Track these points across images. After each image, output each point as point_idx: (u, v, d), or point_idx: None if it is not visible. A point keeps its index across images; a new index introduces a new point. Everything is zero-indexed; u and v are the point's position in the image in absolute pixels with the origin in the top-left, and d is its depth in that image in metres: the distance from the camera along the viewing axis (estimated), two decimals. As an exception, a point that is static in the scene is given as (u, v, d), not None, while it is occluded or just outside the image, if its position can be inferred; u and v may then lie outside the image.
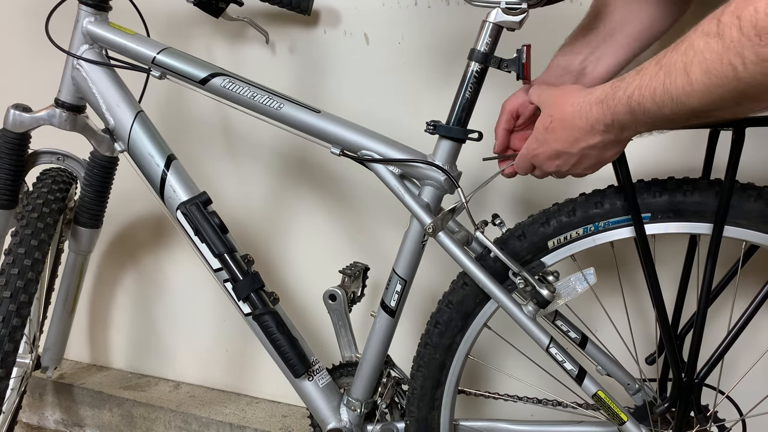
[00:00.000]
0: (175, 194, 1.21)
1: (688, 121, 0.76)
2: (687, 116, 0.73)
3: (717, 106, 0.69)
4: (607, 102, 0.82)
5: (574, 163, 0.92)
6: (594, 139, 0.87)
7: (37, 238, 1.25)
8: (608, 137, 0.86)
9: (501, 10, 0.98)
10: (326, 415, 1.25)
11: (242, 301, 1.20)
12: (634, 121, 0.80)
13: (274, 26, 1.54)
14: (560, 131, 0.90)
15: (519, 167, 1.01)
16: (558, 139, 0.91)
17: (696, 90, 0.69)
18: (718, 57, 0.65)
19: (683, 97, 0.71)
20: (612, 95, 0.81)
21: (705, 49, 0.66)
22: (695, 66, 0.68)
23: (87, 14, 1.22)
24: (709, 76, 0.66)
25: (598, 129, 0.85)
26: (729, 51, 0.64)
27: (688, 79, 0.69)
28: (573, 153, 0.90)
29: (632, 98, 0.77)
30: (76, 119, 1.28)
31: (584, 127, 0.86)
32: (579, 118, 0.87)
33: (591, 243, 1.03)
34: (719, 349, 0.99)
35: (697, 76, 0.68)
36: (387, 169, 1.11)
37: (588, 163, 0.91)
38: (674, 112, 0.73)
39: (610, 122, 0.83)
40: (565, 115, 0.89)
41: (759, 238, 0.95)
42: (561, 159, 0.92)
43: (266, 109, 1.15)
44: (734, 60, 0.63)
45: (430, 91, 1.46)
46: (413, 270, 1.15)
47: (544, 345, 1.05)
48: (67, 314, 1.58)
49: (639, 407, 1.16)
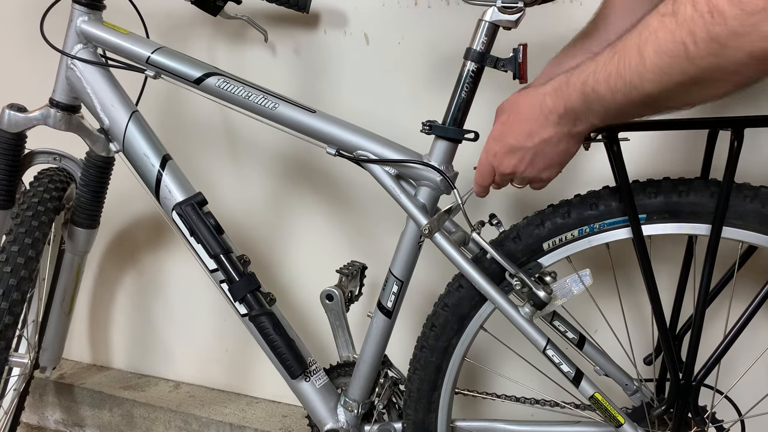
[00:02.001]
0: (170, 195, 1.20)
1: (642, 110, 0.75)
2: (640, 103, 0.72)
3: (669, 91, 0.68)
4: (561, 90, 0.82)
5: (530, 161, 0.91)
6: (547, 131, 0.86)
7: (31, 236, 1.25)
8: (561, 129, 0.85)
9: (497, 8, 0.98)
10: (323, 416, 1.25)
11: (238, 302, 1.19)
12: (587, 109, 0.79)
13: (273, 26, 1.53)
14: (515, 125, 0.90)
15: (480, 172, 1.00)
16: (513, 132, 0.90)
17: (648, 70, 0.68)
18: (671, 35, 0.64)
19: (636, 79, 0.70)
20: (566, 83, 0.81)
21: (659, 28, 0.65)
22: (649, 45, 0.67)
23: (81, 13, 1.21)
24: (661, 56, 0.65)
25: (552, 119, 0.84)
26: (681, 29, 0.63)
27: (641, 60, 0.68)
28: (528, 147, 0.89)
29: (586, 84, 0.77)
30: (71, 119, 1.28)
31: (538, 118, 0.86)
32: (533, 110, 0.86)
33: (587, 244, 1.03)
34: (717, 351, 0.98)
35: (650, 56, 0.67)
36: (383, 169, 1.10)
37: (543, 161, 0.90)
38: (627, 98, 0.72)
39: (563, 111, 0.82)
40: (521, 109, 0.89)
41: (755, 238, 0.94)
42: (517, 155, 0.92)
43: (261, 108, 1.15)
44: (686, 38, 0.62)
45: (430, 91, 1.45)
46: (410, 271, 1.15)
47: (541, 347, 1.04)
48: (65, 314, 1.58)
49: (637, 408, 1.15)
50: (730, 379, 1.14)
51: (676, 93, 0.68)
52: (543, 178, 0.94)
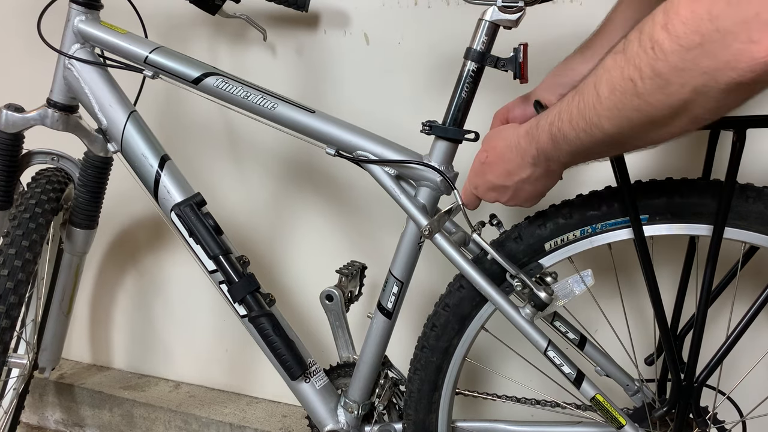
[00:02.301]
0: (169, 195, 1.20)
1: (608, 149, 0.76)
2: (604, 142, 0.72)
3: (627, 129, 0.68)
4: (531, 132, 0.83)
5: (510, 196, 0.93)
6: (525, 172, 0.88)
7: (28, 239, 1.24)
8: (537, 170, 0.87)
9: (497, 8, 0.97)
10: (323, 417, 1.24)
11: (238, 304, 1.19)
12: (557, 150, 0.80)
13: (273, 26, 1.52)
14: (495, 165, 0.92)
15: (466, 199, 1.03)
16: (493, 172, 0.93)
17: (604, 107, 0.68)
18: (620, 72, 0.64)
19: (595, 117, 0.70)
20: (536, 125, 0.82)
21: (612, 66, 0.66)
22: (603, 83, 0.67)
23: (78, 13, 1.20)
24: (614, 92, 0.66)
25: (527, 161, 0.86)
26: (629, 65, 0.63)
27: (598, 98, 0.68)
28: (508, 186, 0.92)
29: (553, 125, 0.78)
30: (69, 119, 1.27)
31: (515, 159, 0.88)
32: (510, 151, 0.88)
33: (588, 245, 1.02)
34: (719, 351, 0.97)
35: (605, 94, 0.67)
36: (382, 169, 1.10)
37: (523, 196, 0.93)
38: (591, 138, 0.72)
39: (535, 153, 0.84)
40: (498, 149, 0.91)
41: (758, 239, 0.93)
42: (497, 192, 0.94)
43: (260, 109, 1.14)
44: (633, 74, 0.63)
45: (430, 91, 1.44)
46: (410, 271, 1.14)
47: (542, 348, 1.04)
48: (64, 315, 1.58)
49: (638, 409, 1.15)
50: (731, 380, 1.14)
51: (634, 131, 0.68)
52: (527, 206, 0.96)
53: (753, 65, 0.54)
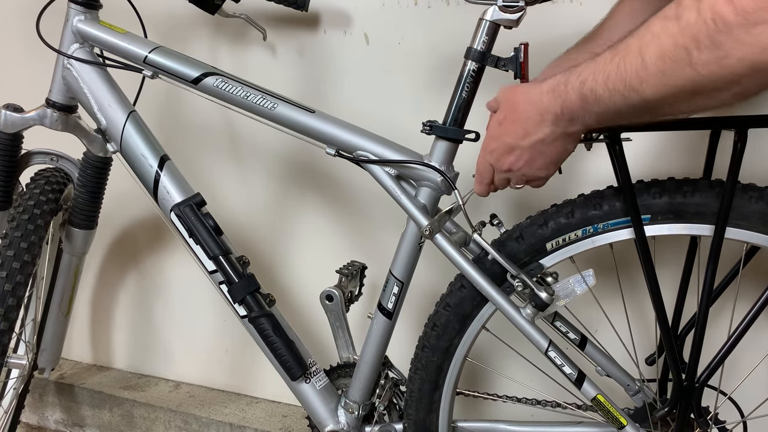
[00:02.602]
0: (168, 195, 1.19)
1: (639, 114, 0.74)
2: (638, 107, 0.71)
3: (669, 97, 0.67)
4: (558, 90, 0.80)
5: (527, 160, 0.89)
6: (543, 132, 0.85)
7: (26, 240, 1.24)
8: (557, 129, 0.84)
9: (498, 7, 0.97)
10: (324, 417, 1.24)
11: (238, 304, 1.18)
12: (584, 109, 0.77)
13: (272, 26, 1.52)
14: (512, 124, 0.89)
15: (479, 171, 0.99)
16: (510, 132, 0.89)
17: (649, 74, 0.67)
18: (674, 40, 0.63)
19: (636, 82, 0.69)
20: (564, 82, 0.80)
21: (661, 32, 0.65)
22: (650, 49, 0.66)
23: (77, 13, 1.20)
24: (664, 59, 0.65)
25: (548, 119, 0.83)
26: (684, 34, 0.62)
27: (643, 63, 0.67)
28: (524, 147, 0.88)
29: (585, 84, 0.76)
30: (68, 119, 1.27)
31: (534, 117, 0.85)
32: (530, 109, 0.85)
33: (590, 245, 1.02)
34: (721, 351, 0.97)
35: (652, 60, 0.66)
36: (383, 169, 1.10)
37: (541, 160, 0.89)
38: (626, 101, 0.71)
39: (559, 111, 0.81)
40: (518, 108, 0.88)
41: (759, 239, 0.93)
42: (514, 154, 0.90)
43: (260, 108, 1.14)
44: (689, 44, 0.62)
45: (430, 91, 1.44)
46: (410, 272, 1.14)
47: (543, 348, 1.03)
48: (63, 315, 1.57)
49: (639, 409, 1.15)
50: (733, 380, 1.13)
51: (676, 99, 0.67)
52: (540, 177, 0.92)
53: None
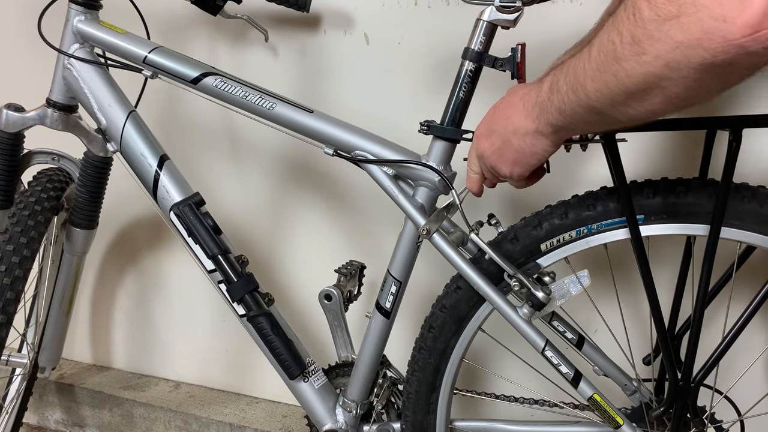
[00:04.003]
0: (168, 195, 1.20)
1: (590, 119, 0.72)
2: (585, 105, 0.70)
3: (605, 97, 0.66)
4: (541, 79, 0.81)
5: (497, 148, 0.88)
6: (519, 120, 0.84)
7: (26, 236, 1.24)
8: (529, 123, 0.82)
9: (495, 7, 0.97)
10: (322, 416, 1.24)
11: (236, 303, 1.19)
12: (549, 101, 0.77)
13: (273, 26, 1.53)
14: (501, 111, 0.88)
15: (468, 157, 0.98)
16: (497, 118, 0.89)
17: (590, 67, 0.67)
18: (607, 34, 0.63)
19: (582, 76, 0.69)
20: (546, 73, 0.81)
21: (606, 26, 0.65)
22: (595, 43, 0.66)
23: (77, 13, 1.21)
24: (600, 53, 0.65)
25: (526, 107, 0.83)
26: (614, 28, 0.62)
27: (589, 57, 0.67)
28: (500, 132, 0.87)
29: (555, 76, 0.76)
30: (68, 119, 1.28)
31: (518, 104, 0.84)
32: (520, 97, 0.85)
33: (584, 245, 1.02)
34: (716, 351, 0.97)
35: (594, 53, 0.66)
36: (381, 169, 1.10)
37: (507, 154, 0.87)
38: (575, 96, 0.71)
39: (534, 100, 0.81)
40: (512, 96, 0.88)
41: (754, 238, 0.93)
42: (489, 140, 0.89)
43: (259, 108, 1.14)
44: (615, 37, 0.61)
45: (430, 91, 1.44)
46: (408, 271, 1.14)
47: (540, 348, 1.04)
48: (63, 315, 1.58)
49: (635, 408, 1.15)
50: (729, 379, 1.14)
51: (612, 100, 0.66)
52: (503, 171, 0.90)
53: (725, 46, 0.52)
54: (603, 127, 0.77)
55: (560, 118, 0.77)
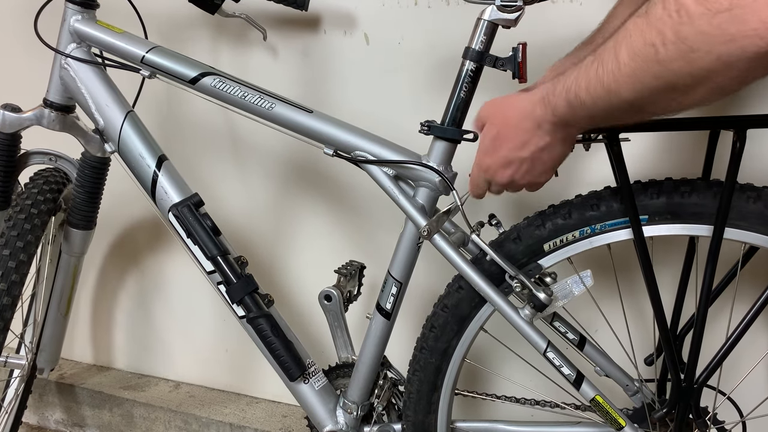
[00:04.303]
0: (166, 196, 1.19)
1: (627, 116, 0.73)
2: (622, 109, 0.70)
3: (646, 96, 0.66)
4: (547, 99, 0.80)
5: (527, 169, 0.88)
6: (543, 140, 0.84)
7: (23, 240, 1.24)
8: (556, 136, 0.83)
9: (496, 7, 0.96)
10: (323, 417, 1.24)
11: (236, 304, 1.18)
12: (574, 115, 0.77)
13: (272, 25, 1.52)
14: (507, 138, 0.87)
15: (474, 186, 0.98)
16: (507, 146, 0.88)
17: (624, 74, 0.66)
18: (642, 37, 0.62)
19: (613, 84, 0.68)
20: (552, 91, 0.79)
21: (633, 30, 0.63)
22: (623, 48, 0.65)
23: (74, 12, 1.20)
24: (634, 58, 0.64)
25: (546, 128, 0.83)
26: (651, 29, 0.61)
27: (617, 63, 0.66)
28: (525, 157, 0.87)
29: (570, 91, 0.75)
30: (65, 119, 1.27)
31: (531, 128, 0.84)
32: (525, 119, 0.84)
33: (588, 245, 1.01)
34: (719, 352, 0.97)
35: (624, 59, 0.65)
36: (381, 170, 1.09)
37: (541, 167, 0.88)
38: (609, 104, 0.70)
39: (553, 119, 0.81)
40: (510, 120, 0.87)
41: (758, 239, 0.93)
42: (512, 167, 0.89)
43: (258, 108, 1.13)
44: (655, 39, 0.60)
45: (430, 91, 1.44)
46: (409, 272, 1.13)
47: (542, 349, 1.03)
48: (62, 316, 1.57)
49: (638, 409, 1.14)
50: (731, 380, 1.13)
51: (654, 98, 0.66)
52: (541, 182, 0.92)
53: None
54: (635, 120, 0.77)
55: (593, 122, 0.79)
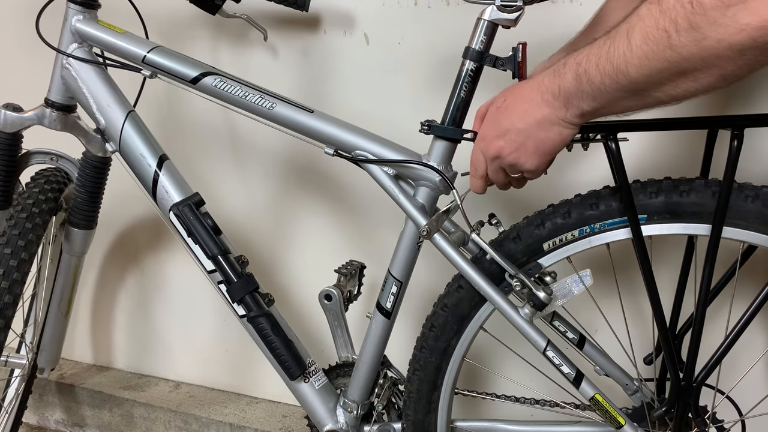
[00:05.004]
0: (167, 195, 1.19)
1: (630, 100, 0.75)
2: (626, 89, 0.73)
3: (654, 78, 0.69)
4: (558, 70, 0.82)
5: (518, 144, 0.88)
6: (541, 111, 0.84)
7: (24, 239, 1.24)
8: (554, 112, 0.83)
9: (496, 7, 0.97)
10: (323, 416, 1.24)
11: (237, 303, 1.19)
12: (578, 90, 0.79)
13: (273, 25, 1.52)
14: (512, 106, 0.89)
15: (472, 162, 0.98)
16: (508, 114, 0.89)
17: (634, 56, 0.69)
18: (655, 23, 0.65)
19: (622, 64, 0.71)
20: (563, 63, 0.81)
21: (646, 15, 0.67)
22: (636, 32, 0.68)
23: (75, 12, 1.20)
24: (647, 42, 0.67)
25: (546, 98, 0.84)
26: (664, 16, 0.64)
27: (629, 45, 0.69)
28: (520, 128, 0.87)
29: (580, 65, 0.78)
30: (67, 119, 1.27)
31: (534, 98, 0.85)
32: (531, 90, 0.86)
33: (587, 245, 1.02)
34: (718, 351, 0.97)
35: (637, 42, 0.68)
36: (381, 169, 1.10)
37: (532, 146, 0.87)
38: (614, 83, 0.73)
39: (557, 90, 0.82)
40: (519, 92, 0.89)
41: (756, 238, 0.93)
42: (505, 138, 0.89)
43: (258, 108, 1.14)
44: (668, 26, 0.63)
45: (430, 91, 1.44)
46: (409, 271, 1.14)
47: (541, 348, 1.03)
48: (62, 315, 1.57)
49: (637, 408, 1.15)
50: (730, 379, 1.13)
51: (660, 82, 0.69)
52: (528, 167, 0.90)
53: None
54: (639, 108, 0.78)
55: (594, 104, 0.79)
